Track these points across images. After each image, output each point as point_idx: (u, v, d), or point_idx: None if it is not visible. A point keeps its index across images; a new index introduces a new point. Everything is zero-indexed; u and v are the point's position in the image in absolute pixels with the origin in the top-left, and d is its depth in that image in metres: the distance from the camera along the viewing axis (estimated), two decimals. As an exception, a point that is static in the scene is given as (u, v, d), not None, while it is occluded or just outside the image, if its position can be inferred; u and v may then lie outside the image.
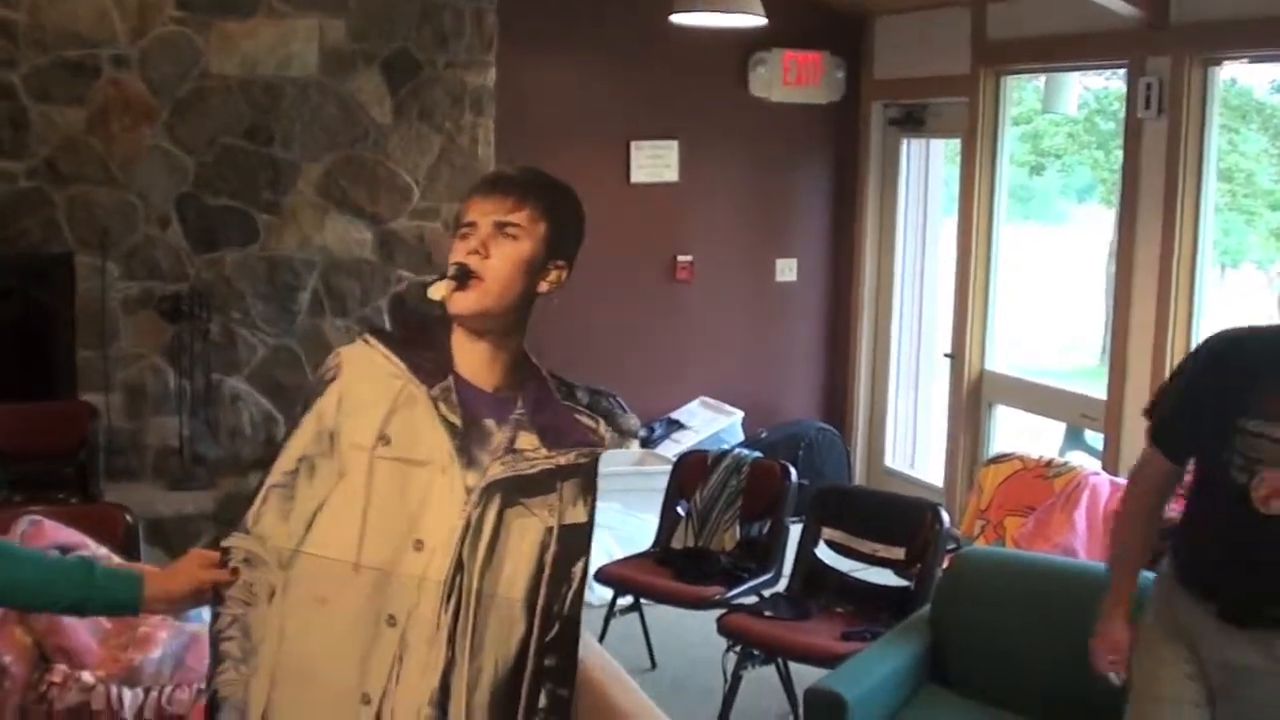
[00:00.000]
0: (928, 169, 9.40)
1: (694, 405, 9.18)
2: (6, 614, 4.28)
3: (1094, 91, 11.05)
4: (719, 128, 9.23)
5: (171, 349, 7.78)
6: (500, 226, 2.87)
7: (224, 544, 2.83)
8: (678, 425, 9.01)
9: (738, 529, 6.52)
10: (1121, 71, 7.34)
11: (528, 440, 2.90)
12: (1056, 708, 4.82)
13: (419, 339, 2.95)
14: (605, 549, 7.39)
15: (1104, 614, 4.01)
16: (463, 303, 2.85)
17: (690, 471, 6.81)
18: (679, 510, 6.72)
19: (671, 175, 9.10)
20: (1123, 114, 7.27)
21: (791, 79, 9.21)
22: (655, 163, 9.07)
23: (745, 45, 9.08)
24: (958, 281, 8.45)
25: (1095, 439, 8.01)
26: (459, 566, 2.80)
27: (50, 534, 4.52)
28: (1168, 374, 6.73)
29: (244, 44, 7.80)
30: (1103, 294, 9.97)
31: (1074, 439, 8.78)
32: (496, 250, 2.85)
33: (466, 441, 2.84)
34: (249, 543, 2.82)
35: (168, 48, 7.68)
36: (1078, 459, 7.14)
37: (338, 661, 2.79)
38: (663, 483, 6.96)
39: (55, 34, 7.48)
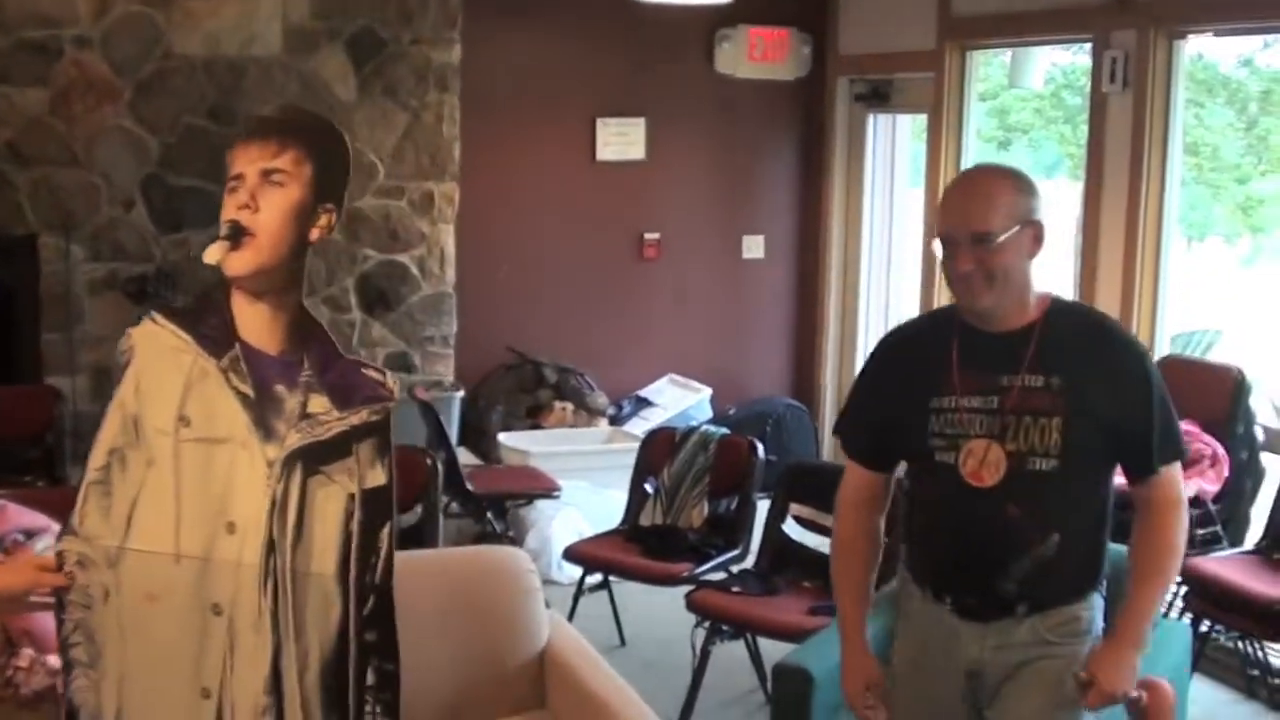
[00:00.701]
0: (894, 144, 9.38)
1: (662, 383, 9.16)
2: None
3: (1060, 67, 11.05)
4: (685, 105, 9.20)
5: (137, 331, 7.71)
6: (266, 175, 2.75)
7: (55, 549, 2.73)
8: (646, 403, 8.99)
9: (706, 505, 6.51)
10: (1087, 46, 7.34)
11: (318, 403, 2.80)
12: None
13: (203, 309, 2.81)
14: (573, 527, 7.38)
15: (843, 651, 3.77)
16: (238, 263, 2.75)
17: (658, 449, 6.79)
18: (647, 487, 6.71)
19: (638, 153, 9.07)
20: (1089, 89, 7.27)
21: (758, 54, 9.18)
22: (621, 140, 9.04)
23: (711, 21, 9.05)
24: (924, 255, 8.44)
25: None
26: (270, 546, 2.71)
27: (14, 517, 4.46)
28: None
29: (207, 23, 7.77)
30: (1070, 268, 9.98)
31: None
32: (265, 201, 2.74)
33: (261, 412, 2.74)
34: (78, 545, 2.71)
35: (130, 27, 7.64)
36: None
37: (175, 657, 2.70)
38: (631, 460, 6.95)
39: (16, 14, 7.44)
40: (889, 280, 9.44)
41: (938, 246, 3.49)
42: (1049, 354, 3.46)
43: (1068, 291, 9.89)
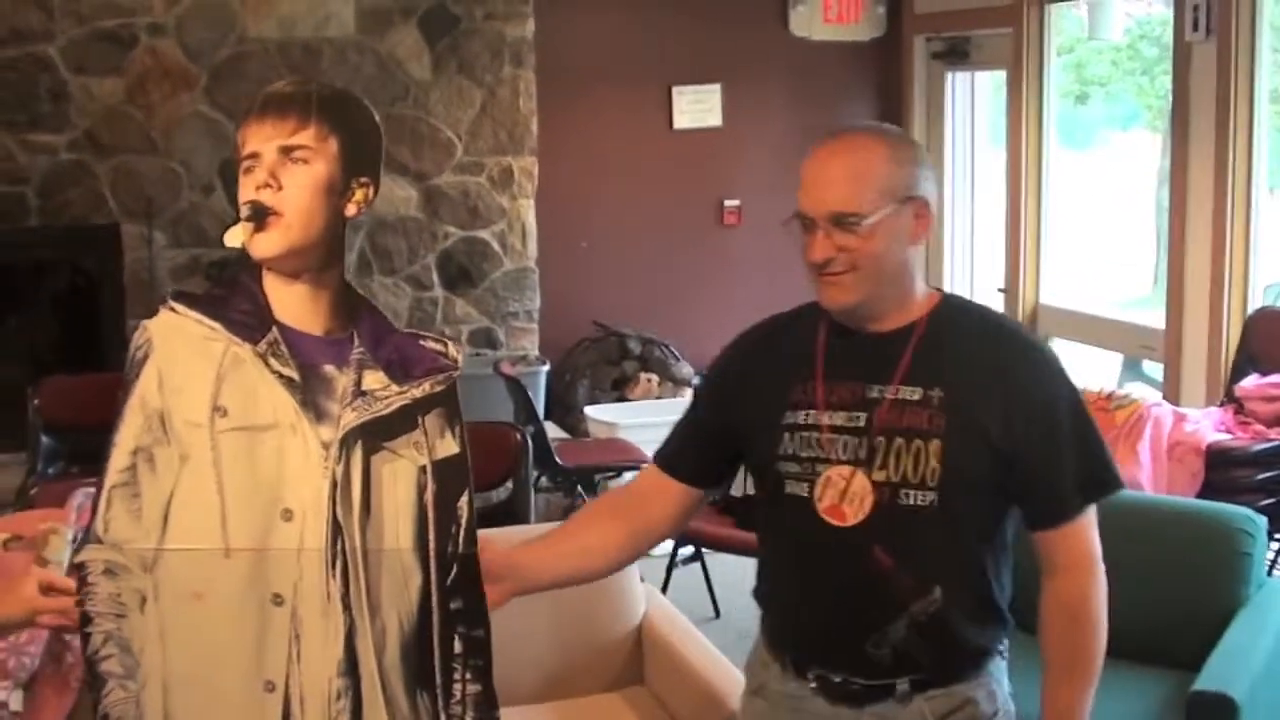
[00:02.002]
0: (973, 102, 9.26)
1: (747, 351, 9.07)
2: (68, 588, 4.24)
3: (1137, 18, 10.88)
4: (761, 69, 9.12)
5: (221, 315, 7.73)
6: (287, 152, 2.61)
7: (77, 559, 2.61)
8: (731, 371, 8.92)
9: (797, 474, 6.44)
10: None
11: (374, 379, 2.68)
12: (1127, 643, 4.68)
13: (230, 295, 2.68)
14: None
15: None
16: (265, 244, 2.62)
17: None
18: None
19: (715, 120, 9.00)
20: (1167, 39, 7.14)
21: (832, 16, 9.10)
22: (698, 108, 8.97)
23: (785, -16, 8.97)
24: (1008, 215, 8.35)
25: (1153, 369, 7.90)
26: (336, 528, 2.61)
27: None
28: (1225, 301, 6.72)
29: (281, 6, 7.77)
30: (1152, 221, 9.83)
31: (1132, 370, 8.66)
32: (288, 179, 2.60)
33: (309, 394, 2.63)
34: (104, 552, 2.58)
35: (204, 13, 7.65)
36: (1138, 390, 7.04)
37: (229, 655, 2.60)
38: (719, 429, 6.87)
39: (90, 5, 7.47)
40: (973, 239, 9.32)
41: (792, 226, 2.93)
42: (930, 360, 2.81)
43: (1149, 248, 9.79)
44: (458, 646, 2.74)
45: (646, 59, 8.89)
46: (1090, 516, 2.86)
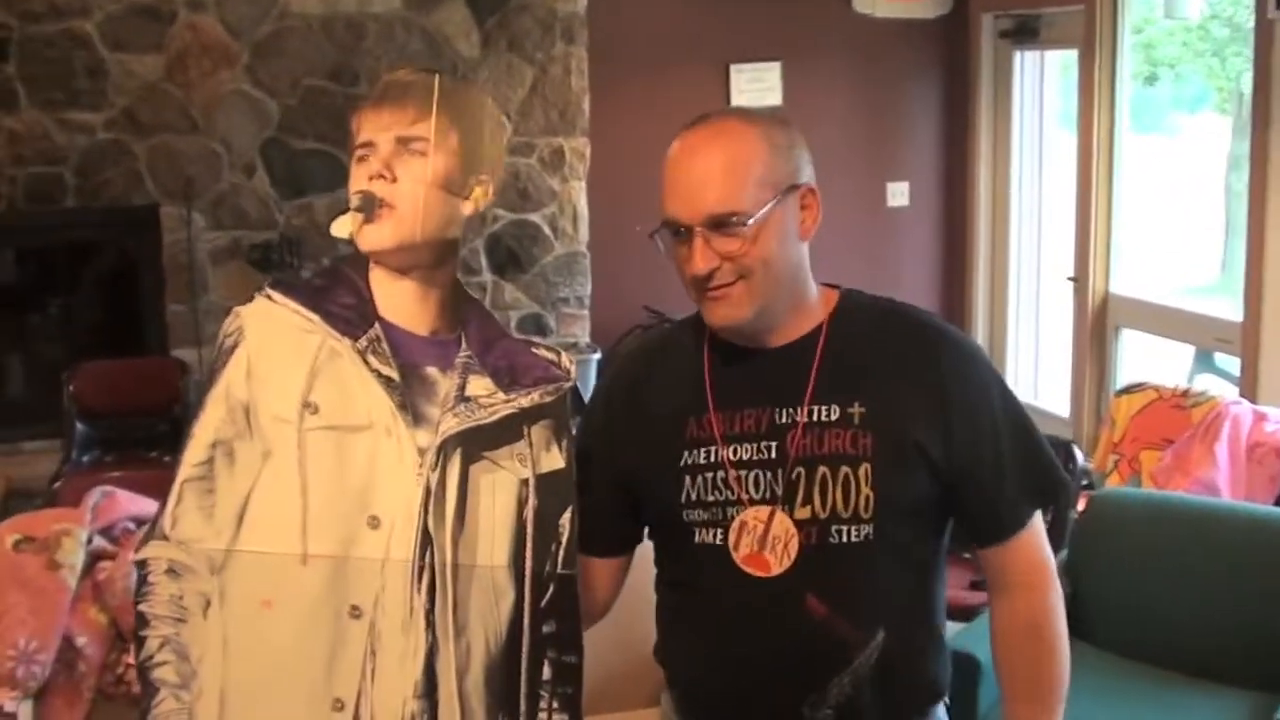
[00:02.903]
0: (1042, 83, 8.99)
1: (804, 337, 8.91)
2: (81, 593, 4.12)
3: (1209, -1, 10.66)
4: (822, 47, 8.88)
5: (263, 299, 7.62)
6: (404, 142, 2.48)
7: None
8: (788, 358, 8.75)
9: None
10: (1247, -29, 6.96)
11: (480, 385, 2.53)
12: (1203, 662, 4.54)
13: (331, 286, 2.55)
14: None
15: None
16: (375, 237, 2.48)
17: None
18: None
19: (775, 99, 8.74)
20: (1239, 19, 6.88)
21: (897, -8, 8.89)
22: (757, 86, 8.74)
23: (847, -41, 8.75)
24: (1079, 201, 8.08)
25: (1225, 362, 7.67)
26: (426, 539, 2.43)
27: (124, 505, 4.36)
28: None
29: (324, -20, 7.60)
30: (1221, 207, 9.61)
31: (1203, 362, 8.41)
32: (404, 171, 2.47)
33: (408, 395, 2.47)
34: (169, 550, 2.44)
35: (245, -12, 7.49)
36: (1214, 386, 6.81)
37: (297, 668, 2.41)
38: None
39: (128, -20, 7.31)
40: (1041, 225, 9.06)
41: (662, 238, 2.57)
42: (841, 371, 2.51)
43: (1217, 238, 9.52)
44: (546, 672, 2.59)
45: (703, 36, 8.66)
46: (1038, 524, 2.59)
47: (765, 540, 2.46)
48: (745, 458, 2.49)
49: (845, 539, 2.44)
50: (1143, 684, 4.55)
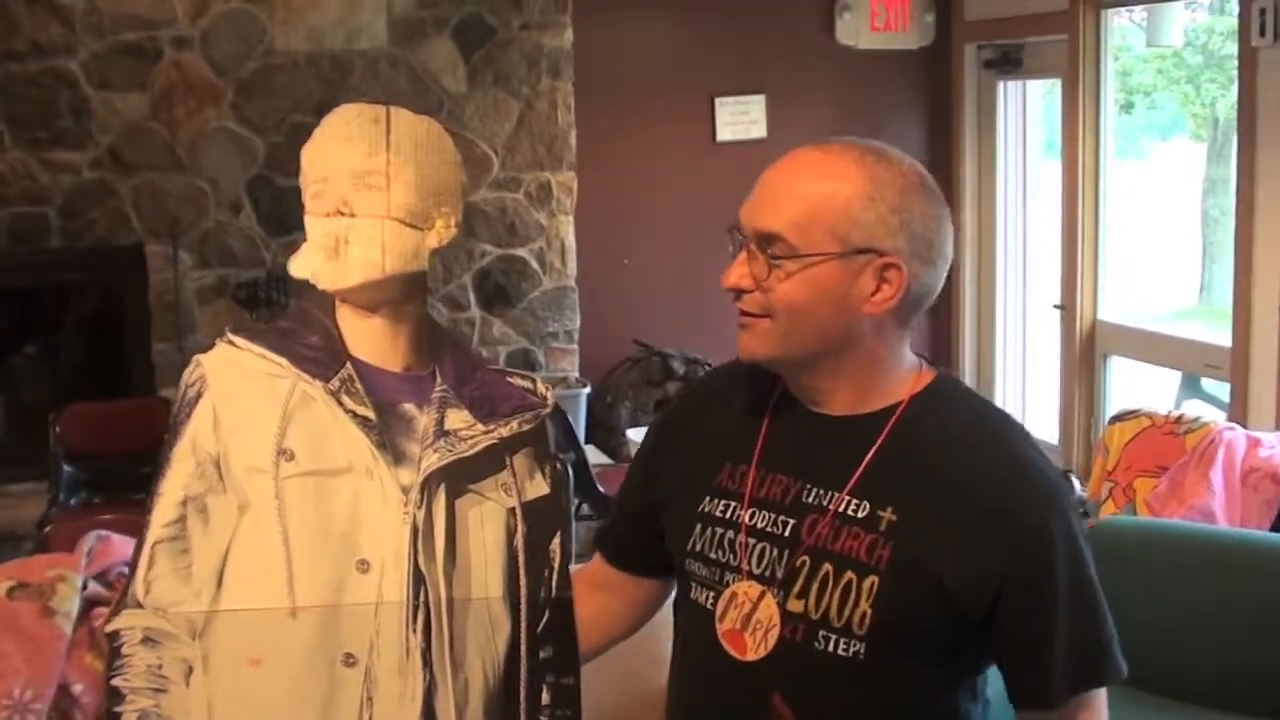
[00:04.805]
0: (1025, 112, 9.03)
1: (793, 370, 8.90)
2: (77, 640, 4.05)
3: (1185, 26, 10.72)
4: (806, 79, 8.89)
5: (251, 338, 7.61)
6: (359, 177, 2.38)
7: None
8: (776, 391, 8.74)
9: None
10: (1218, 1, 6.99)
11: (458, 418, 2.45)
12: (1203, 689, 4.52)
13: (297, 328, 2.46)
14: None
15: None
16: (338, 275, 2.37)
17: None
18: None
19: (760, 131, 8.76)
20: (1213, 46, 6.92)
21: (879, 24, 8.89)
22: (741, 119, 8.75)
23: (830, -9, 8.77)
24: (1064, 228, 8.11)
25: (1213, 387, 7.68)
26: (419, 578, 2.37)
27: (118, 549, 4.27)
28: None
29: (309, 17, 7.58)
30: (1198, 231, 9.67)
31: (1190, 387, 8.42)
32: (361, 206, 2.37)
33: (387, 434, 2.38)
34: (144, 618, 2.31)
35: (230, 25, 7.47)
36: (1205, 412, 6.81)
37: None
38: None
39: (112, 17, 7.29)
40: (1026, 253, 9.09)
41: (731, 237, 2.28)
42: (892, 469, 2.21)
43: (1194, 265, 9.53)
44: (545, 697, 2.52)
45: (688, 69, 8.67)
46: (1086, 703, 2.28)
47: (749, 620, 2.25)
48: (760, 526, 2.27)
49: (832, 649, 2.19)
50: (1143, 713, 4.52)
